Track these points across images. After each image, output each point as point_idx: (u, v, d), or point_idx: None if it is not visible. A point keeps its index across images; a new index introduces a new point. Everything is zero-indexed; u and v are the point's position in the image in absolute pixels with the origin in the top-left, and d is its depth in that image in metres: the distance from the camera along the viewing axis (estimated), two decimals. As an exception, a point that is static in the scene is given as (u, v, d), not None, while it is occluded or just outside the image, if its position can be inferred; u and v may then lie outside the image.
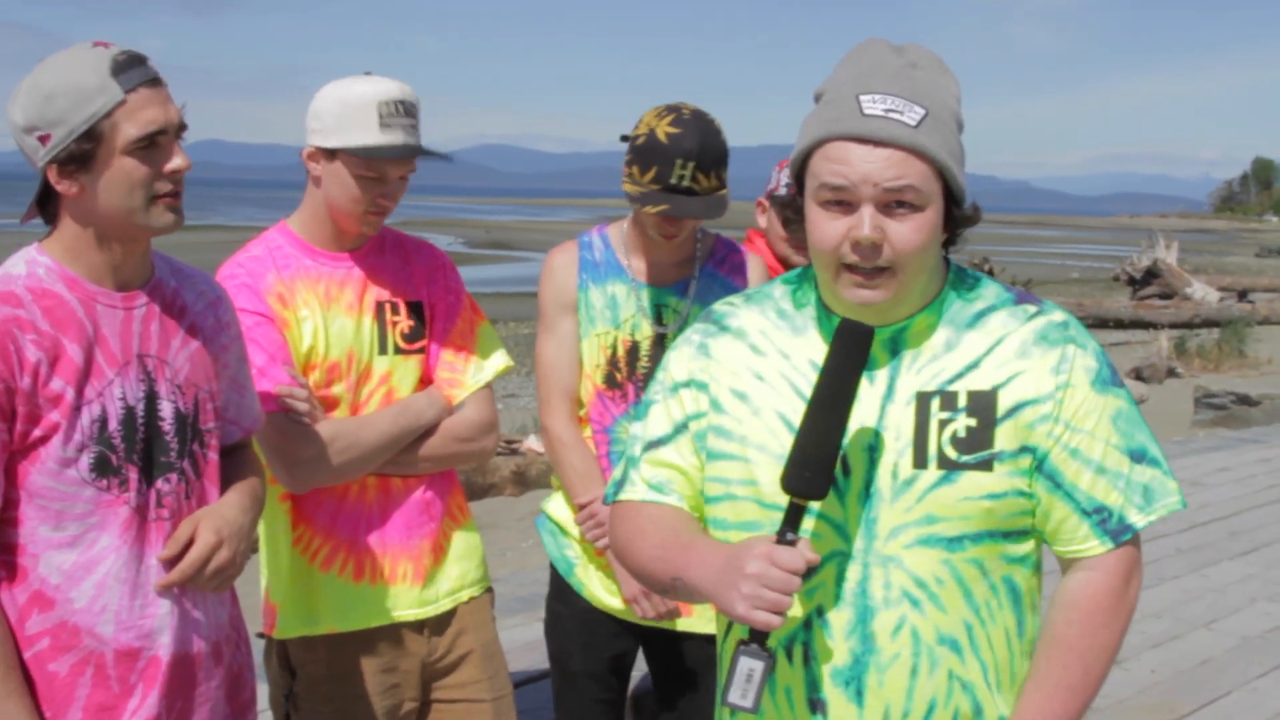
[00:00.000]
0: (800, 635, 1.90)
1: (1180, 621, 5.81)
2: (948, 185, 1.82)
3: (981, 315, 1.91)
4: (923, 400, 1.87)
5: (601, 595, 3.10)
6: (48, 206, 2.12)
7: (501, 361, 2.90)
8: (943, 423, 1.86)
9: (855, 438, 1.87)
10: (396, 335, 2.79)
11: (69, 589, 2.08)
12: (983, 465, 1.85)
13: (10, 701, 2.02)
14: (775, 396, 1.92)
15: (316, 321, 2.71)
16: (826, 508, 1.87)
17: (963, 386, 1.87)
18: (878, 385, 1.89)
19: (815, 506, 1.85)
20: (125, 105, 2.04)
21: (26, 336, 2.03)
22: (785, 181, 3.64)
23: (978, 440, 1.85)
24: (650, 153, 2.88)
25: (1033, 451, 1.86)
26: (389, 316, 2.79)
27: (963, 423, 1.85)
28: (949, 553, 1.85)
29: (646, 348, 3.03)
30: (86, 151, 2.03)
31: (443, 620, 2.87)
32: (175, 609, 2.16)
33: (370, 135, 2.64)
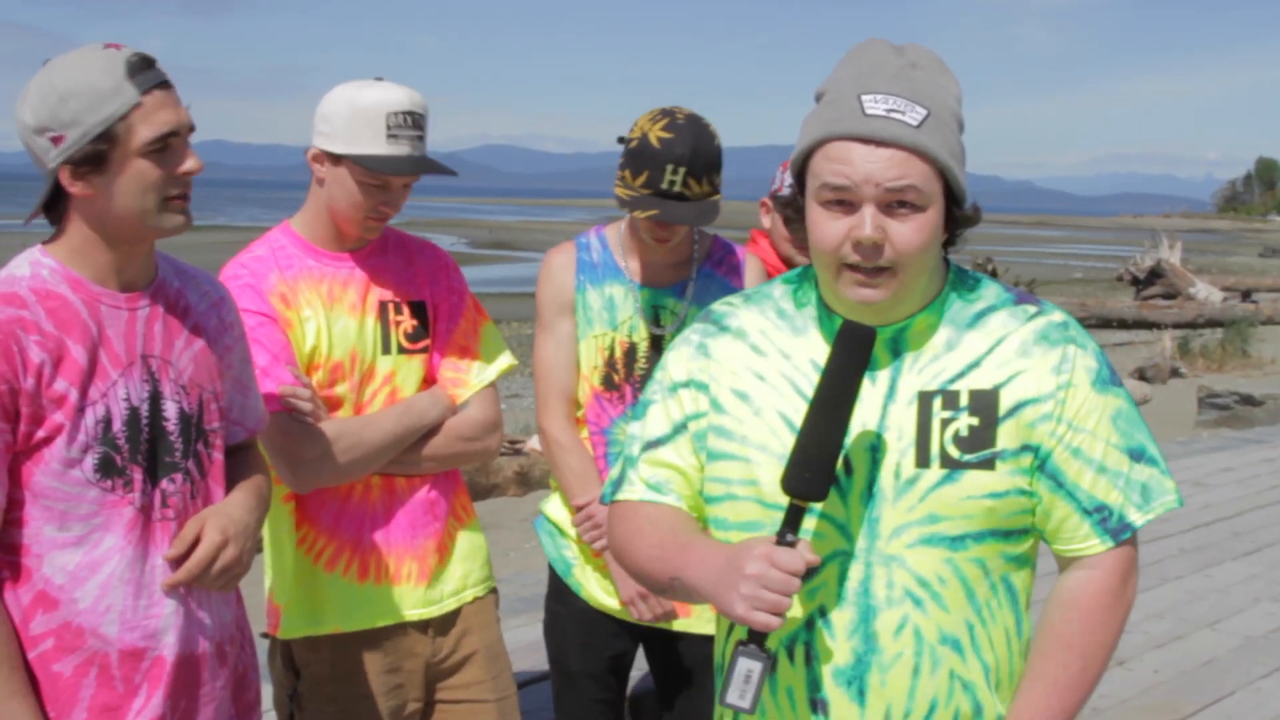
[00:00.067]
0: (802, 635, 1.89)
1: (1184, 622, 5.81)
2: (949, 185, 1.82)
3: (982, 315, 1.92)
4: (925, 400, 1.87)
5: (599, 595, 3.10)
6: (55, 208, 2.12)
7: (505, 361, 2.90)
8: (945, 422, 1.86)
9: (857, 438, 1.87)
10: (400, 335, 2.80)
11: (73, 589, 2.08)
12: (985, 464, 1.85)
13: (14, 702, 2.02)
14: (776, 396, 1.92)
15: (319, 321, 2.71)
16: (829, 507, 1.87)
17: (964, 386, 1.87)
18: (879, 385, 1.89)
19: (817, 506, 1.85)
20: (141, 108, 2.04)
21: (30, 337, 2.03)
22: (789, 182, 3.63)
23: (980, 439, 1.85)
24: (642, 157, 2.87)
25: (1034, 450, 1.87)
26: (392, 316, 2.79)
27: (965, 422, 1.86)
28: (952, 552, 1.85)
29: (644, 349, 3.02)
30: (101, 153, 2.03)
31: (447, 620, 2.87)
32: (180, 609, 2.16)
33: (377, 146, 2.63)
